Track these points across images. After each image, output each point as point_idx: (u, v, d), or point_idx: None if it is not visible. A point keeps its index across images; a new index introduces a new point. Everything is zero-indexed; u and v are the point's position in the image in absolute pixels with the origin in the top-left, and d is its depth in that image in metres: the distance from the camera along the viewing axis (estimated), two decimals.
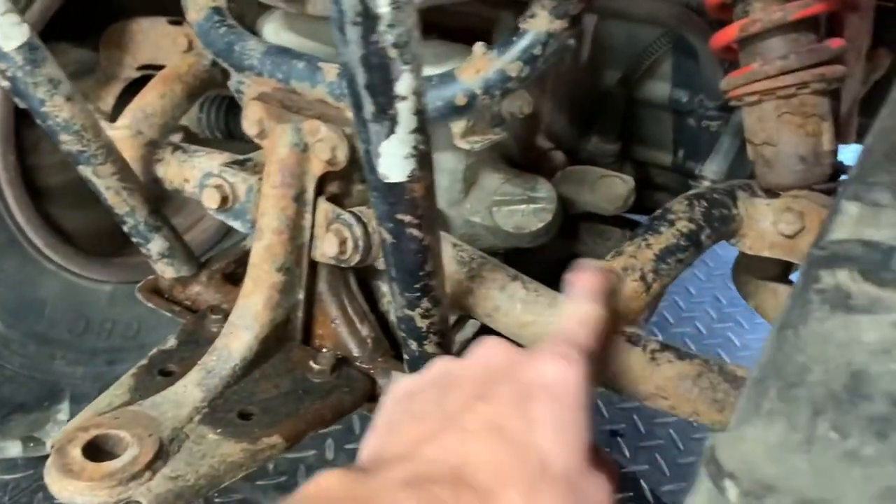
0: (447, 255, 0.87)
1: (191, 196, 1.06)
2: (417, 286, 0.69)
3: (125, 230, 1.01)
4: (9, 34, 0.82)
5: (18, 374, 1.29)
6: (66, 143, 0.91)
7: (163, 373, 0.91)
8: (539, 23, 0.77)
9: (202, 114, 1.32)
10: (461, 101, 0.81)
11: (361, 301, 0.98)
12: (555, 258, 1.16)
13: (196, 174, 1.03)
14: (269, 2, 0.88)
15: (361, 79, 0.51)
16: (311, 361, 0.91)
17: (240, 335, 0.89)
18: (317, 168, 0.87)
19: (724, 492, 0.44)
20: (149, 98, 1.14)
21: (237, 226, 0.95)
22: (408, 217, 0.62)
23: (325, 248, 0.89)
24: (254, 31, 1.00)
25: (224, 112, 1.32)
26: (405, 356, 0.82)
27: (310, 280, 0.94)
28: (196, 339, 0.96)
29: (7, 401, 1.31)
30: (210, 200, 0.93)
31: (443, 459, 0.48)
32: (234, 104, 1.30)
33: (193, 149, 1.07)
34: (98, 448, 0.76)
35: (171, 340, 0.95)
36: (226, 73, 1.02)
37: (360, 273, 1.00)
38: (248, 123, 0.89)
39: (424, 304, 0.72)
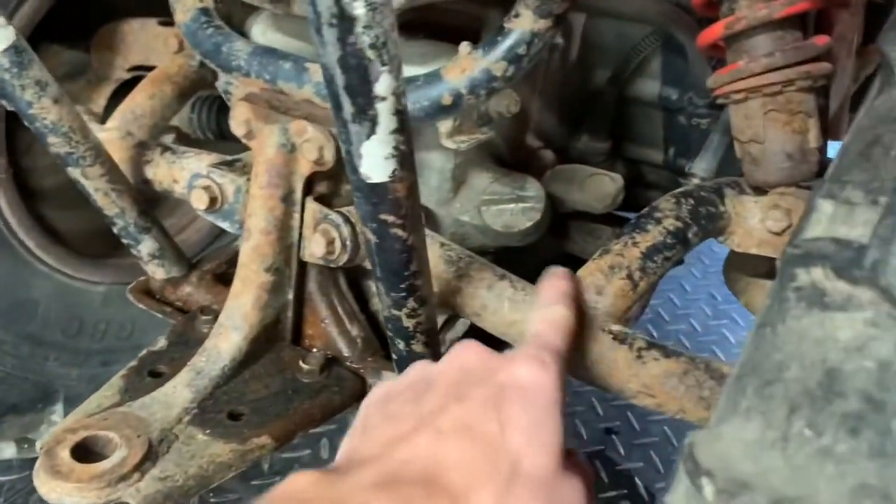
0: (435, 255, 0.87)
1: (180, 197, 1.06)
2: (403, 286, 0.70)
3: (115, 231, 1.02)
4: None
5: (12, 376, 1.29)
6: (55, 146, 0.91)
7: (152, 374, 0.91)
8: (523, 22, 0.77)
9: (193, 114, 1.32)
10: (447, 101, 0.81)
11: (351, 301, 0.98)
12: (545, 257, 1.17)
13: (185, 175, 1.03)
14: (256, 3, 0.88)
15: (340, 80, 0.51)
16: (301, 361, 0.91)
17: (229, 336, 0.89)
18: (304, 168, 0.87)
19: (701, 490, 0.44)
20: (138, 99, 1.14)
21: (226, 227, 0.95)
22: (391, 217, 0.62)
23: (313, 249, 0.89)
24: (242, 32, 1.00)
25: (216, 112, 1.32)
26: (393, 356, 0.82)
27: (299, 280, 0.94)
28: (186, 340, 0.96)
29: (1, 402, 1.31)
30: (199, 201, 0.93)
31: (415, 460, 0.48)
32: (226, 105, 1.29)
33: (182, 150, 1.07)
34: (87, 449, 0.76)
35: (161, 341, 0.96)
36: (215, 74, 1.02)
37: (350, 273, 1.00)
38: (236, 124, 0.89)
39: (410, 304, 0.72)
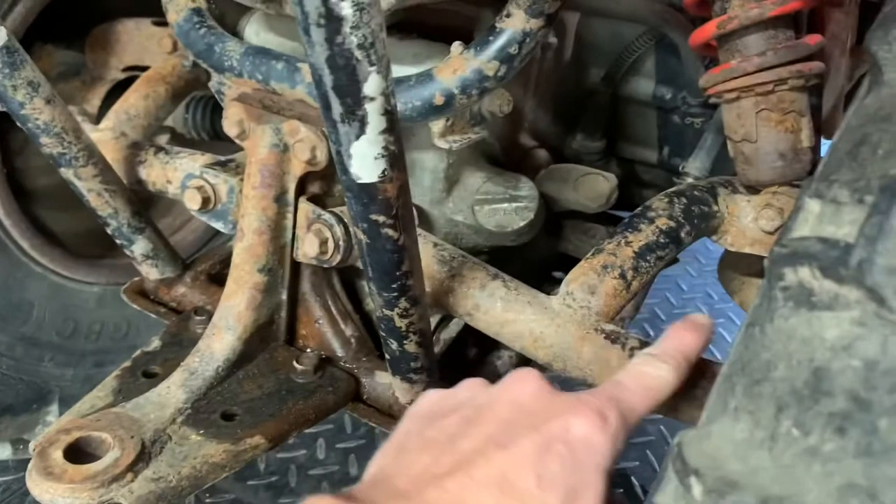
0: (428, 255, 0.87)
1: (174, 197, 1.06)
2: (394, 286, 0.69)
3: (108, 232, 1.01)
4: None
5: (7, 377, 1.29)
6: (48, 146, 0.91)
7: (146, 374, 0.91)
8: (515, 22, 0.77)
9: (188, 115, 1.32)
10: (439, 101, 0.81)
11: (345, 301, 0.98)
12: (540, 256, 1.17)
13: (178, 175, 1.03)
14: (248, 3, 0.88)
15: (328, 80, 0.51)
16: (295, 362, 0.91)
17: (222, 336, 0.89)
18: (297, 168, 0.87)
19: (690, 489, 0.44)
20: (132, 100, 1.14)
21: (219, 227, 0.95)
22: (382, 217, 0.62)
23: (306, 249, 0.89)
24: (234, 33, 1.00)
25: (210, 113, 1.33)
26: (386, 356, 0.82)
27: (293, 280, 0.94)
28: (180, 341, 0.96)
29: None
30: (192, 202, 0.93)
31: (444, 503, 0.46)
32: (220, 105, 1.29)
33: (176, 150, 1.07)
34: (80, 450, 0.76)
35: (155, 342, 0.96)
36: (209, 74, 1.02)
37: (344, 273, 1.00)
38: (229, 124, 0.89)
39: (402, 304, 0.72)
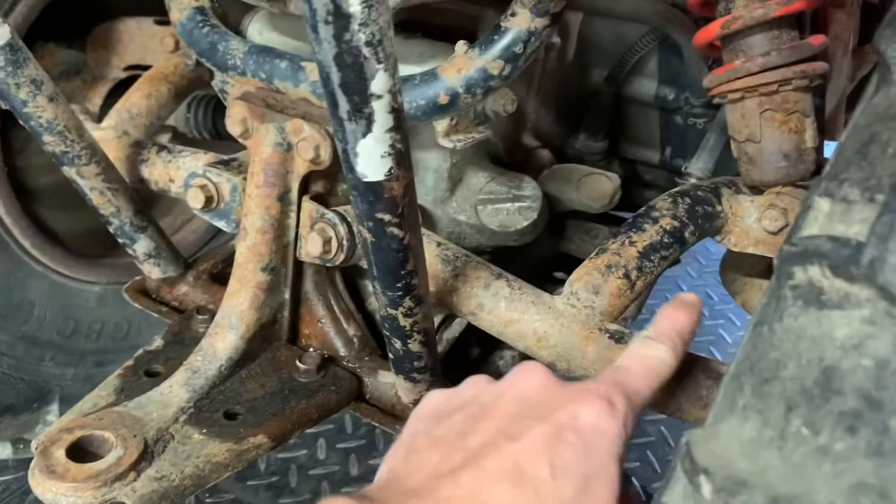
0: (431, 254, 0.87)
1: (176, 196, 1.06)
2: (399, 285, 0.69)
3: (111, 231, 1.01)
4: None
5: (7, 376, 1.29)
6: (50, 144, 0.90)
7: (148, 373, 0.90)
8: (520, 21, 0.77)
9: (189, 114, 1.32)
10: (443, 100, 0.81)
11: (348, 300, 0.98)
12: (542, 256, 1.17)
13: (181, 174, 1.03)
14: (252, 1, 0.88)
15: (336, 78, 0.51)
16: (298, 361, 0.91)
17: (225, 335, 0.89)
18: (301, 167, 0.87)
19: (699, 488, 0.44)
20: (134, 98, 1.14)
21: (222, 226, 0.95)
22: (387, 216, 0.62)
23: (310, 248, 0.88)
24: (238, 31, 1.00)
25: (212, 112, 1.33)
26: (390, 355, 0.82)
27: (295, 279, 0.94)
28: (182, 340, 0.96)
29: None
30: (195, 200, 0.93)
31: (456, 499, 0.46)
32: (222, 104, 1.29)
33: (178, 149, 1.07)
34: (82, 449, 0.76)
35: (157, 341, 0.95)
36: (212, 73, 1.02)
37: (347, 272, 1.00)
38: (232, 123, 0.89)
39: (407, 303, 0.71)
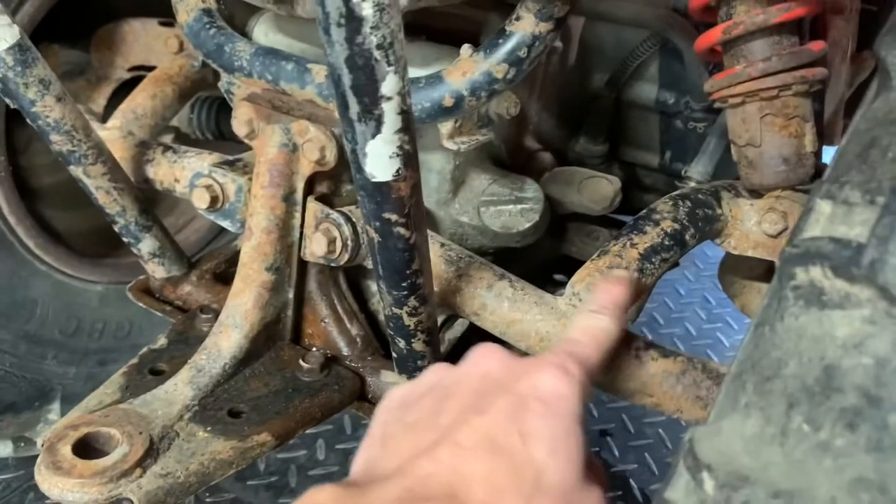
0: (435, 255, 0.88)
1: (181, 196, 1.06)
2: (404, 284, 0.70)
3: (116, 230, 1.02)
4: None
5: (9, 375, 1.30)
6: (57, 143, 0.91)
7: (153, 371, 0.91)
8: (525, 25, 0.78)
9: (193, 115, 1.33)
10: (448, 103, 0.82)
11: (351, 300, 0.99)
12: (543, 258, 1.18)
13: (186, 174, 1.04)
14: (259, 3, 0.89)
15: (347, 80, 0.52)
16: (301, 360, 0.91)
17: (229, 334, 0.90)
18: (306, 168, 0.88)
19: (702, 484, 0.45)
20: (139, 99, 1.14)
21: (227, 226, 0.96)
22: (394, 216, 0.63)
23: (314, 248, 0.89)
24: (244, 33, 1.01)
25: (215, 113, 1.33)
26: (393, 354, 0.83)
27: (299, 279, 0.94)
28: (186, 339, 0.96)
29: None
30: (200, 200, 0.94)
31: (437, 475, 0.47)
32: (225, 105, 1.30)
33: (184, 149, 1.08)
34: (88, 446, 0.76)
35: (162, 340, 0.96)
36: (217, 75, 1.03)
37: (350, 272, 1.00)
38: (238, 124, 0.90)
39: (412, 303, 0.72)
